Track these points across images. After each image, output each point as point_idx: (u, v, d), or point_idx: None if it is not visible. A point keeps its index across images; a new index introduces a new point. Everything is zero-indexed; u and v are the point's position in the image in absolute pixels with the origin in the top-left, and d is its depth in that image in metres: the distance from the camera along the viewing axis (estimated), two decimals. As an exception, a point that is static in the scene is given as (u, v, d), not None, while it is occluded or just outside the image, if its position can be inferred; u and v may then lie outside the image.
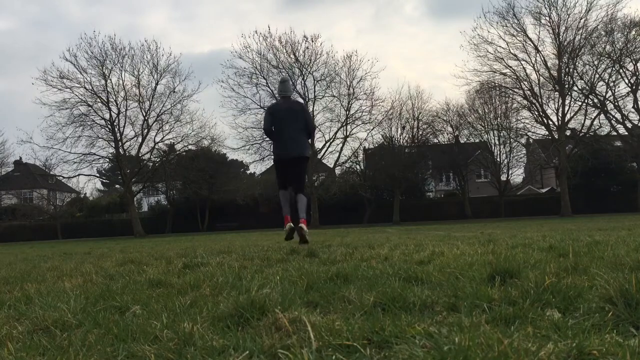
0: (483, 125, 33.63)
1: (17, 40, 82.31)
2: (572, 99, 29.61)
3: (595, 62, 28.40)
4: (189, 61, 68.35)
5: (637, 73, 28.38)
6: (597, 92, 28.88)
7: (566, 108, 29.22)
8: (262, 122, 7.68)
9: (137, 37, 75.85)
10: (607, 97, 28.96)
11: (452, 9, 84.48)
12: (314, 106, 32.01)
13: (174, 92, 30.72)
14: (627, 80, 28.79)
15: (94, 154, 30.80)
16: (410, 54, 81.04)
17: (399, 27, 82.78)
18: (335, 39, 77.66)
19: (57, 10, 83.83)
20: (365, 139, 34.89)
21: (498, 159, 34.87)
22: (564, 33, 28.20)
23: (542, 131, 31.02)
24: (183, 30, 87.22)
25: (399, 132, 33.73)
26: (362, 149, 34.40)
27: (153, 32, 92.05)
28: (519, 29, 29.08)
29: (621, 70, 28.46)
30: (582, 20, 27.73)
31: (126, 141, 31.42)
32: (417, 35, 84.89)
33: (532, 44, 29.11)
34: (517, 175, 41.52)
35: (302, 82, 31.68)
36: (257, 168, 40.84)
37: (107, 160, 33.79)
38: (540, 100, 29.62)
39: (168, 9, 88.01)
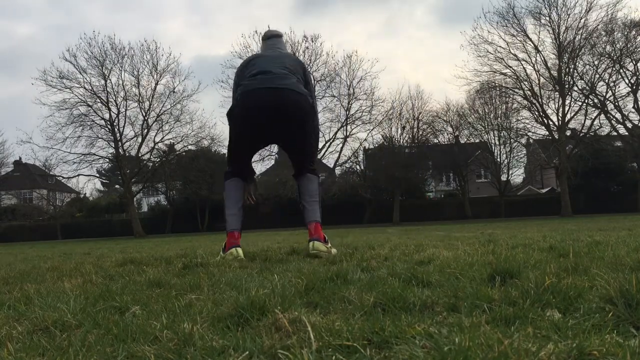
0: (483, 125, 33.63)
1: (36, 44, 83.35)
2: (572, 99, 29.63)
3: (596, 62, 28.42)
4: (205, 65, 69.12)
5: (638, 73, 28.38)
6: (597, 92, 28.89)
7: (566, 108, 29.24)
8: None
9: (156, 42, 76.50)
10: (607, 97, 28.97)
11: (461, 14, 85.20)
12: (314, 106, 31.97)
13: (174, 92, 30.76)
14: (627, 81, 28.80)
15: (94, 154, 30.83)
16: (418, 57, 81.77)
17: (409, 32, 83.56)
18: (346, 43, 78.25)
19: (79, 16, 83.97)
20: (365, 139, 34.94)
21: (498, 159, 34.87)
22: (564, 33, 28.22)
23: (542, 131, 31.04)
24: (202, 35, 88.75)
25: (399, 132, 33.75)
26: (362, 149, 34.43)
27: (171, 37, 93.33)
28: (519, 29, 29.11)
29: (621, 71, 28.47)
30: (582, 20, 27.76)
31: (126, 141, 31.45)
32: (425, 40, 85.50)
33: (532, 44, 29.14)
34: (517, 176, 41.57)
35: (302, 82, 31.64)
36: (257, 168, 40.85)
37: (107, 160, 33.80)
38: (540, 100, 29.63)
39: (186, 15, 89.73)
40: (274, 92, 3.30)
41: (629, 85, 28.72)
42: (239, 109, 3.39)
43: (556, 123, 29.56)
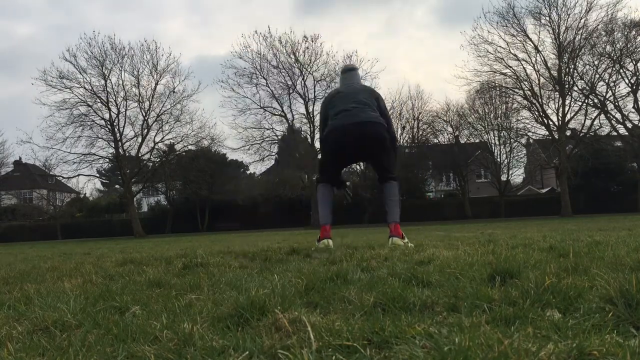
0: (483, 125, 33.62)
1: (36, 44, 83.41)
2: (573, 99, 29.62)
3: (596, 62, 28.41)
4: (204, 65, 69.30)
5: (638, 73, 28.37)
6: (597, 92, 28.88)
7: (566, 108, 29.23)
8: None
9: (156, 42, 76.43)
10: (607, 97, 28.96)
11: (461, 14, 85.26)
12: (314, 106, 32.08)
13: (174, 92, 30.75)
14: (627, 81, 28.79)
15: (94, 154, 30.82)
16: (418, 57, 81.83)
17: (409, 32, 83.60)
18: (346, 43, 78.26)
19: (79, 16, 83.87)
20: (365, 139, 34.83)
21: (498, 159, 34.87)
22: (564, 33, 28.22)
23: (542, 131, 31.03)
24: (202, 35, 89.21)
25: (399, 132, 33.75)
26: (362, 149, 34.36)
27: (171, 37, 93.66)
28: (519, 29, 29.11)
29: (621, 71, 28.46)
30: (582, 20, 27.75)
31: (126, 141, 31.45)
32: (425, 40, 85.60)
33: (532, 44, 29.14)
34: (517, 176, 41.56)
35: (302, 82, 31.78)
36: (257, 168, 40.84)
37: (107, 160, 33.79)
38: (540, 100, 29.62)
39: (186, 15, 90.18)
40: (356, 125, 4.12)
41: (629, 85, 28.72)
42: (329, 140, 4.27)
43: (556, 123, 29.56)
